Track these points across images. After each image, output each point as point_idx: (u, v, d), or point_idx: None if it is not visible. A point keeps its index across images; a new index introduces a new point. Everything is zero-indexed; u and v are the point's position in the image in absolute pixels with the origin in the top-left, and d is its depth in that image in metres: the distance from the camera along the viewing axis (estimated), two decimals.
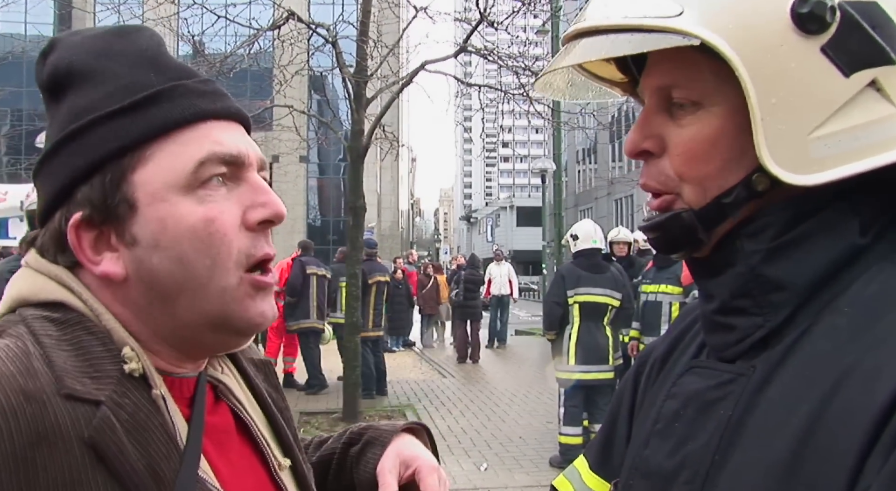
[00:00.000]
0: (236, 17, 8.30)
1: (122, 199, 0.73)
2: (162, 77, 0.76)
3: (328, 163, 35.88)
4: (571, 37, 0.78)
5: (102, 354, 0.71)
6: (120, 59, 0.76)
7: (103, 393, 0.68)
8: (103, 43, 0.77)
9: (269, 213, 0.76)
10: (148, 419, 0.70)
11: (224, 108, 0.78)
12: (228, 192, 0.75)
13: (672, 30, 0.69)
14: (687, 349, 0.87)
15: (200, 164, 0.74)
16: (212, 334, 0.77)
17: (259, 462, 0.85)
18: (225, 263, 0.74)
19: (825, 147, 0.69)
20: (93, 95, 0.74)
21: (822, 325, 0.70)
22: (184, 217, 0.73)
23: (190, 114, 0.75)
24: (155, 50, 0.78)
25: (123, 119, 0.73)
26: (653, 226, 0.79)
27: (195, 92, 0.76)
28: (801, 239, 0.72)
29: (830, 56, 0.68)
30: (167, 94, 0.75)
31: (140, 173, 0.73)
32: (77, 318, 0.73)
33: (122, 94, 0.74)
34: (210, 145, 0.75)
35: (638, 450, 0.83)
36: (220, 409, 0.83)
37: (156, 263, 0.73)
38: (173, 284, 0.73)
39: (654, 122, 0.78)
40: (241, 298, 0.75)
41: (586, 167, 53.34)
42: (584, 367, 6.23)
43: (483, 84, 9.76)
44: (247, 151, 0.77)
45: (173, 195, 0.73)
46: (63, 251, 0.75)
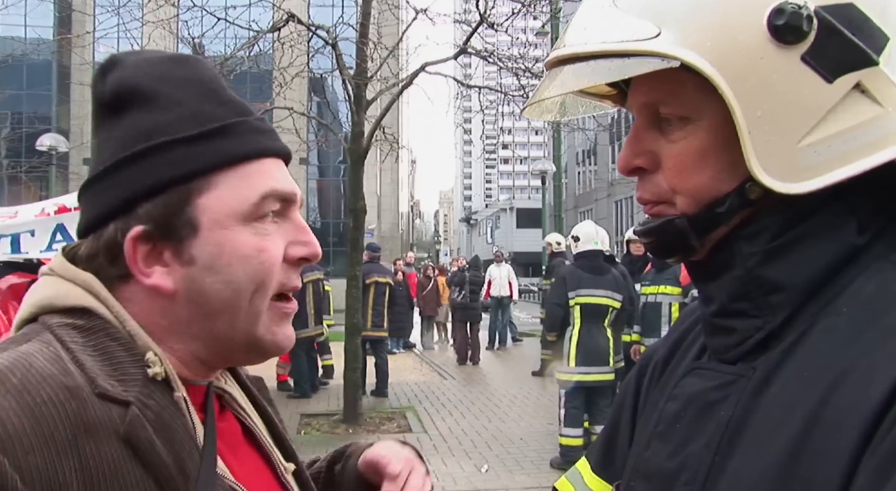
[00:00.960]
0: (236, 19, 8.31)
1: (185, 221, 0.77)
2: (227, 110, 0.81)
3: (328, 165, 35.87)
4: (553, 63, 0.78)
5: (126, 358, 0.75)
6: (184, 87, 0.81)
7: (131, 394, 0.72)
8: (165, 68, 0.81)
9: (309, 252, 0.83)
10: (172, 419, 0.75)
11: (281, 147, 0.84)
12: (277, 227, 0.81)
13: (651, 53, 0.70)
14: (688, 351, 0.88)
15: (263, 198, 0.79)
16: (241, 353, 0.84)
17: (266, 465, 0.90)
18: (266, 291, 0.80)
19: (815, 154, 0.69)
20: (160, 118, 0.78)
21: (821, 326, 0.71)
22: (240, 245, 0.78)
23: (255, 150, 0.81)
24: (216, 82, 0.83)
25: (195, 146, 0.78)
26: (647, 231, 0.80)
27: (257, 129, 0.83)
28: (799, 240, 0.73)
29: (812, 64, 0.68)
30: (234, 128, 0.80)
31: (205, 199, 0.78)
32: (101, 324, 0.76)
33: (191, 121, 0.78)
34: (271, 182, 0.81)
35: (639, 452, 0.84)
36: (227, 416, 0.88)
37: (208, 282, 0.78)
38: (219, 304, 0.79)
39: (644, 138, 0.78)
40: (270, 323, 0.82)
41: (586, 169, 53.34)
42: (584, 368, 6.23)
43: (483, 86, 9.77)
44: (296, 191, 0.84)
45: (234, 223, 0.78)
46: (114, 262, 0.78)
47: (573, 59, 0.76)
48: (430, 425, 8.06)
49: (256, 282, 0.79)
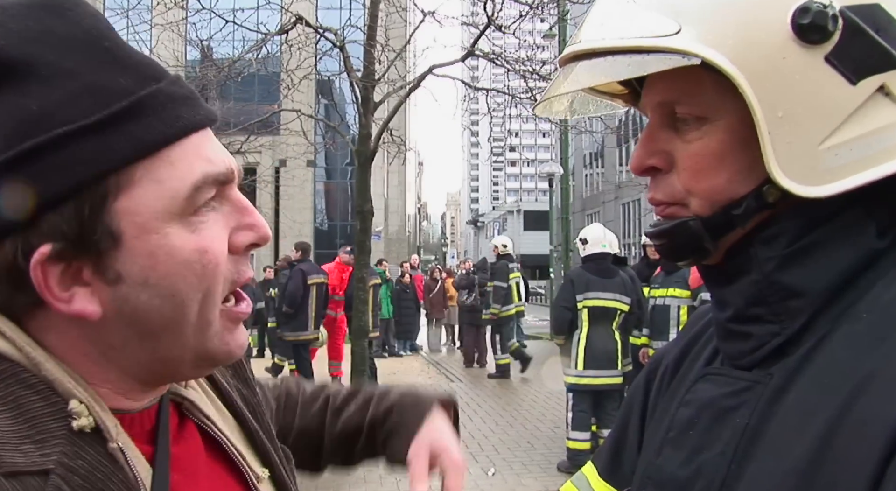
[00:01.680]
0: (244, 21, 8.32)
1: (103, 232, 0.61)
2: (132, 78, 0.63)
3: (335, 167, 35.93)
4: (568, 59, 0.77)
5: (45, 409, 0.61)
6: (68, 49, 0.61)
7: (51, 459, 0.59)
8: (37, 24, 0.61)
9: (257, 236, 0.70)
10: (107, 479, 0.62)
11: (205, 116, 0.68)
12: (215, 214, 0.67)
13: (670, 49, 0.68)
14: (700, 355, 0.86)
15: (196, 188, 0.64)
16: (190, 368, 0.71)
17: (236, 479, 0.79)
18: (215, 296, 0.67)
19: (836, 157, 0.68)
20: (45, 99, 0.60)
21: (840, 332, 0.69)
22: (177, 249, 0.64)
23: (179, 129, 0.64)
24: (107, 35, 0.64)
25: (100, 136, 0.60)
26: (659, 232, 0.78)
27: (174, 98, 0.65)
28: (817, 245, 0.71)
29: (835, 65, 0.66)
30: (147, 103, 0.63)
31: (124, 201, 0.62)
32: (11, 369, 0.62)
33: (88, 100, 0.60)
34: (202, 165, 0.65)
35: (650, 458, 0.82)
36: (187, 430, 0.76)
37: (143, 300, 0.64)
38: (160, 321, 0.65)
39: (659, 138, 0.77)
40: (221, 332, 0.69)
41: (594, 171, 53.26)
42: (593, 371, 6.22)
43: (490, 88, 9.76)
44: (232, 166, 0.69)
45: (164, 225, 0.63)
46: (21, 288, 0.61)
47: (589, 54, 0.74)
48: None
49: (202, 289, 0.65)
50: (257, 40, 8.45)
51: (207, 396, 0.81)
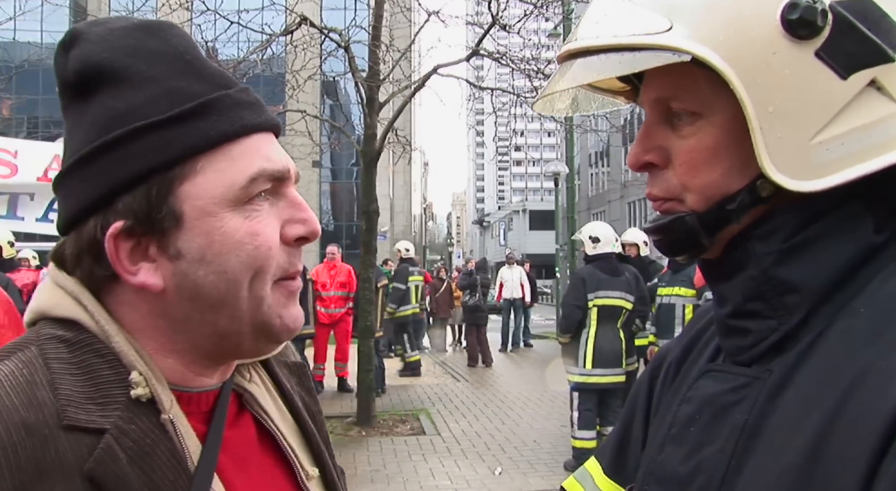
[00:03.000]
0: (249, 22, 8.34)
1: (168, 212, 0.71)
2: (205, 85, 0.74)
3: (341, 167, 35.97)
4: (565, 57, 0.78)
5: (110, 378, 0.70)
6: (156, 61, 0.73)
7: (108, 420, 0.67)
8: (134, 40, 0.74)
9: (307, 230, 0.77)
10: (154, 445, 0.69)
11: (267, 120, 0.77)
12: (270, 206, 0.75)
13: (662, 46, 0.69)
14: (703, 352, 0.86)
15: (251, 180, 0.73)
16: (249, 342, 0.77)
17: (285, 473, 0.84)
18: (265, 276, 0.74)
19: (828, 151, 0.68)
20: (132, 100, 0.72)
21: (838, 327, 0.69)
22: (231, 232, 0.72)
23: (239, 127, 0.74)
24: (191, 53, 0.76)
25: (172, 129, 0.71)
26: (656, 228, 0.79)
27: (240, 103, 0.75)
28: (814, 240, 0.71)
29: (826, 60, 0.66)
30: (215, 105, 0.73)
31: (188, 186, 0.72)
32: (88, 339, 0.72)
33: (166, 101, 0.72)
34: (260, 161, 0.74)
35: (653, 455, 0.83)
36: (243, 420, 0.82)
37: (200, 276, 0.72)
38: (216, 297, 0.73)
39: (655, 134, 0.77)
40: (274, 306, 0.76)
41: (599, 170, 53.19)
42: (600, 370, 6.22)
43: (495, 88, 9.76)
44: (289, 166, 0.77)
45: (221, 210, 0.72)
46: (99, 261, 0.73)
47: (584, 52, 0.75)
48: (443, 427, 8.04)
49: (253, 268, 0.73)
50: (262, 41, 8.46)
51: (269, 394, 0.87)
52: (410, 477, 6.22)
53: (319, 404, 0.95)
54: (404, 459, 6.77)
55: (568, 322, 6.44)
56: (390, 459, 6.72)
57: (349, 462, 6.43)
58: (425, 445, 7.28)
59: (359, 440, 7.37)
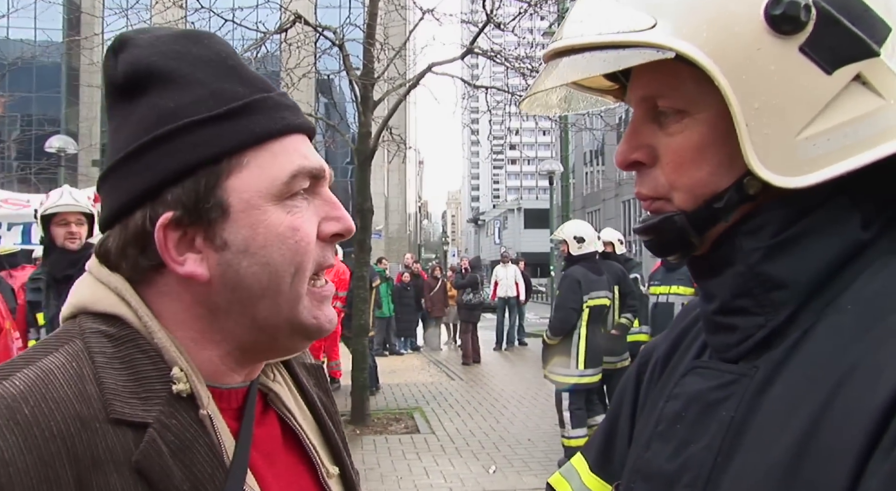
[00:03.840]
0: (243, 20, 8.32)
1: (215, 204, 0.74)
2: (248, 88, 0.78)
3: (336, 165, 35.96)
4: (550, 56, 0.78)
5: (152, 373, 0.73)
6: (202, 65, 0.77)
7: (151, 415, 0.70)
8: (180, 46, 0.78)
9: (342, 227, 0.81)
10: (194, 440, 0.72)
11: (305, 123, 0.81)
12: (308, 204, 0.79)
13: (646, 44, 0.69)
14: (689, 349, 0.86)
15: (293, 176, 0.77)
16: (286, 338, 0.80)
17: (307, 470, 0.87)
18: (304, 271, 0.77)
19: (814, 147, 0.68)
20: (180, 99, 0.75)
21: (825, 324, 0.69)
22: (273, 225, 0.75)
23: (283, 126, 0.78)
24: (233, 58, 0.80)
25: (219, 126, 0.75)
26: (646, 228, 0.79)
27: (281, 105, 0.79)
28: (802, 236, 0.71)
29: (810, 55, 0.66)
30: (259, 105, 0.77)
31: (234, 180, 0.75)
32: (131, 334, 0.74)
33: (213, 101, 0.75)
34: (300, 159, 0.78)
35: (639, 452, 0.83)
36: (269, 418, 0.85)
37: (245, 266, 0.75)
38: (258, 288, 0.76)
39: (642, 132, 0.77)
40: (310, 307, 0.79)
41: (594, 169, 53.22)
42: (591, 370, 6.26)
43: (490, 86, 9.76)
44: (325, 166, 0.81)
45: (265, 203, 0.75)
46: (145, 251, 0.75)
47: (570, 51, 0.75)
48: (437, 426, 8.05)
49: (294, 263, 0.76)
50: (256, 39, 8.45)
51: (291, 393, 0.90)
52: (404, 475, 6.22)
53: (336, 405, 0.99)
54: (398, 457, 6.77)
55: (564, 325, 6.38)
56: (384, 458, 6.72)
57: None
58: (419, 444, 7.28)
59: (353, 439, 7.36)
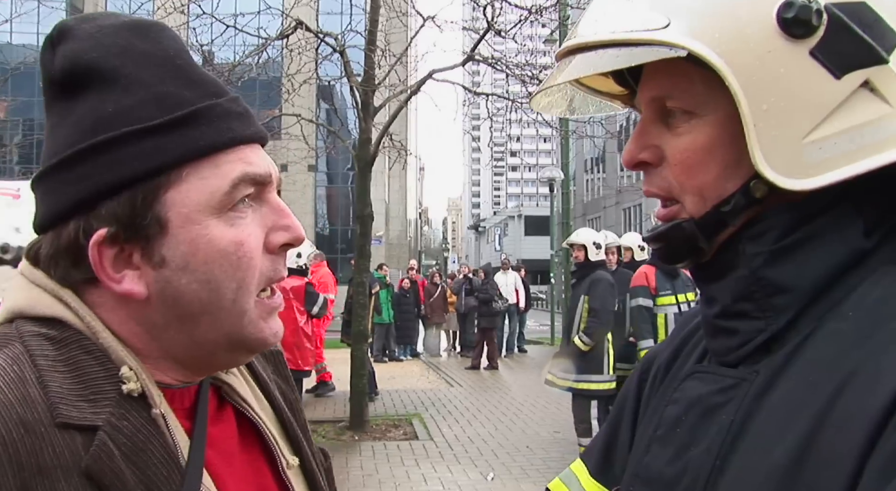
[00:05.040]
0: (245, 26, 8.35)
1: (153, 219, 0.70)
2: (195, 92, 0.73)
3: (336, 172, 35.99)
4: (563, 54, 0.78)
5: (100, 374, 0.69)
6: (146, 64, 0.72)
7: (100, 417, 0.67)
8: (124, 41, 0.72)
9: (291, 237, 0.77)
10: (147, 441, 0.69)
11: (255, 133, 0.77)
12: (253, 213, 0.75)
13: (659, 42, 0.70)
14: (691, 355, 0.87)
15: (234, 186, 0.72)
16: (225, 353, 0.77)
17: (266, 463, 0.84)
18: (249, 287, 0.74)
19: (820, 151, 0.68)
20: (120, 103, 0.70)
21: (826, 330, 0.69)
22: (215, 240, 0.71)
23: (228, 139, 0.73)
24: (182, 57, 0.75)
25: (161, 137, 0.70)
26: (656, 236, 0.79)
27: (230, 113, 0.75)
28: (804, 242, 0.71)
29: (820, 59, 0.67)
30: (204, 114, 0.72)
31: (173, 194, 0.71)
32: (74, 336, 0.71)
33: (156, 107, 0.71)
34: (242, 166, 0.73)
35: (639, 456, 0.82)
36: (225, 414, 0.82)
37: (183, 284, 0.71)
38: (197, 305, 0.72)
39: (650, 132, 0.78)
40: (255, 320, 0.75)
41: (594, 176, 53.28)
42: (613, 375, 6.29)
43: (491, 93, 9.78)
44: (271, 171, 0.77)
45: (205, 217, 0.71)
46: (78, 265, 0.71)
47: (583, 49, 0.76)
48: (436, 432, 8.03)
49: (237, 279, 0.72)
50: (258, 45, 8.48)
51: (247, 384, 0.87)
52: (402, 482, 6.20)
53: (296, 391, 0.95)
54: (396, 463, 6.75)
55: (607, 329, 6.29)
56: (382, 464, 6.70)
57: (341, 467, 6.40)
58: (418, 450, 7.26)
59: (351, 445, 7.35)
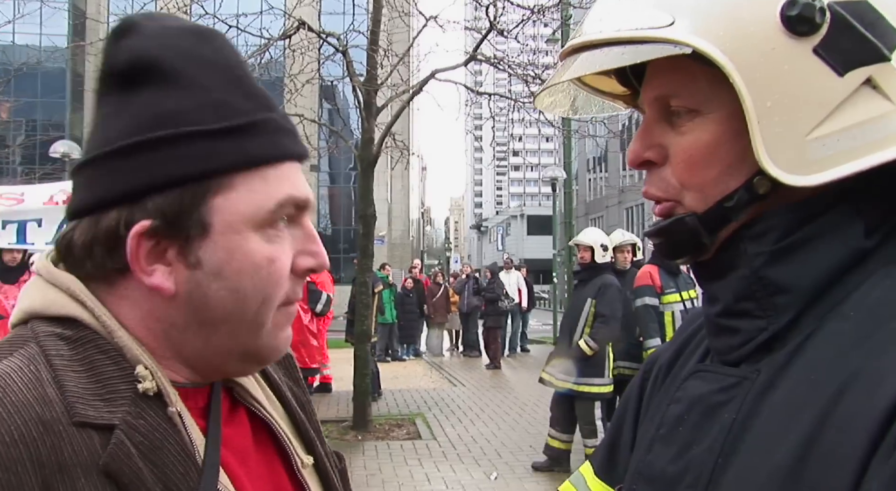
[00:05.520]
0: (247, 26, 8.35)
1: (196, 221, 0.71)
2: (253, 104, 0.74)
3: (339, 172, 36.02)
4: (568, 53, 0.79)
5: (115, 373, 0.70)
6: (208, 69, 0.73)
7: (116, 416, 0.67)
8: (188, 44, 0.74)
9: (317, 263, 0.78)
10: (164, 439, 0.69)
11: (302, 150, 0.78)
12: (287, 234, 0.76)
13: (663, 40, 0.70)
14: (693, 354, 0.87)
15: (280, 205, 0.74)
16: (237, 363, 0.78)
17: (281, 463, 0.85)
18: (273, 303, 0.75)
19: (823, 147, 0.68)
20: (181, 103, 0.71)
21: (827, 329, 0.70)
22: (251, 253, 0.72)
23: (280, 153, 0.75)
24: (241, 68, 0.77)
25: (218, 142, 0.71)
26: (657, 231, 0.79)
27: (281, 129, 0.76)
28: (805, 242, 0.72)
29: (823, 56, 0.67)
30: (260, 126, 0.74)
31: (221, 200, 0.71)
32: (89, 335, 0.71)
33: (215, 112, 0.72)
34: (289, 188, 0.75)
35: (642, 455, 0.83)
36: (238, 415, 0.83)
37: (213, 289, 0.72)
38: (221, 313, 0.73)
39: (654, 131, 0.78)
40: (273, 330, 0.77)
41: (597, 176, 53.26)
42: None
43: (493, 93, 9.78)
44: (311, 197, 0.78)
45: (247, 229, 0.72)
46: (112, 254, 0.71)
47: (588, 47, 0.76)
48: (439, 432, 8.04)
49: (265, 294, 0.74)
50: (260, 45, 8.48)
51: (259, 385, 0.88)
52: (406, 481, 6.21)
53: (308, 394, 0.96)
54: (400, 463, 6.76)
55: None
56: (386, 464, 6.71)
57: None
58: (421, 450, 7.27)
59: (355, 445, 7.36)
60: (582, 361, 6.19)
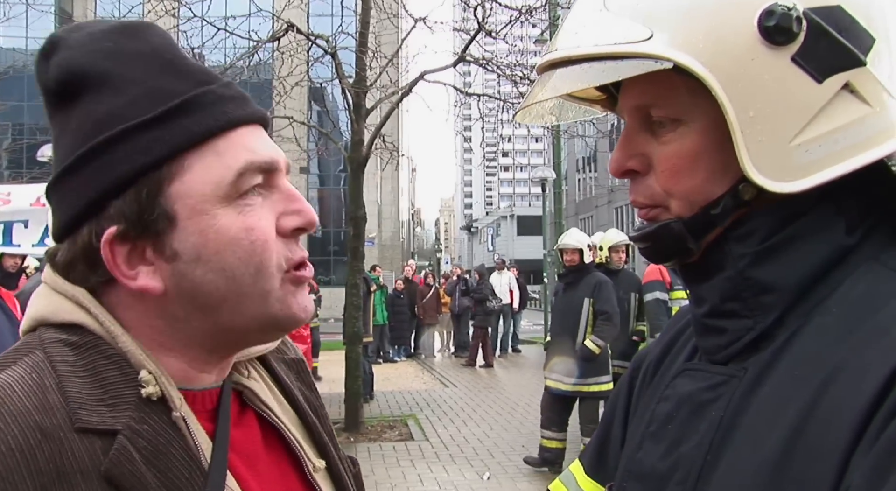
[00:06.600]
0: (236, 29, 8.33)
1: (160, 214, 0.70)
2: (186, 83, 0.73)
3: (328, 174, 35.91)
4: (545, 67, 0.79)
5: (119, 378, 0.70)
6: (136, 62, 0.73)
7: (120, 421, 0.67)
8: (112, 43, 0.73)
9: (303, 221, 0.76)
10: (168, 444, 0.69)
11: (251, 112, 0.76)
12: (263, 200, 0.75)
13: (644, 55, 0.70)
14: (681, 352, 0.88)
15: (240, 175, 0.72)
16: (257, 334, 0.78)
17: (292, 467, 0.84)
18: (268, 269, 0.74)
19: (807, 153, 0.70)
20: (113, 103, 0.71)
21: (812, 326, 0.71)
22: (225, 229, 0.72)
23: (224, 122, 0.73)
24: (171, 51, 0.75)
25: (156, 130, 0.70)
26: (643, 236, 0.80)
27: (223, 98, 0.74)
28: (789, 241, 0.73)
29: (802, 65, 0.69)
30: (197, 101, 0.72)
31: (177, 185, 0.71)
32: (94, 341, 0.71)
33: (148, 101, 0.71)
34: (246, 154, 0.73)
35: (631, 453, 0.84)
36: (247, 418, 0.82)
37: (199, 275, 0.72)
38: (217, 295, 0.73)
39: (636, 141, 0.79)
40: (284, 296, 0.75)
41: (586, 176, 53.35)
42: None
43: (482, 93, 9.79)
44: (277, 157, 0.76)
45: (213, 207, 0.71)
46: (94, 268, 0.72)
47: (565, 62, 0.76)
48: (431, 433, 8.04)
49: (254, 264, 0.72)
50: (249, 48, 8.47)
51: (269, 389, 0.87)
52: (398, 482, 6.21)
53: (321, 398, 0.95)
54: (392, 464, 6.76)
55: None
56: (378, 465, 6.70)
57: None
58: (413, 451, 7.27)
59: (347, 446, 7.35)
60: (588, 360, 6.16)
